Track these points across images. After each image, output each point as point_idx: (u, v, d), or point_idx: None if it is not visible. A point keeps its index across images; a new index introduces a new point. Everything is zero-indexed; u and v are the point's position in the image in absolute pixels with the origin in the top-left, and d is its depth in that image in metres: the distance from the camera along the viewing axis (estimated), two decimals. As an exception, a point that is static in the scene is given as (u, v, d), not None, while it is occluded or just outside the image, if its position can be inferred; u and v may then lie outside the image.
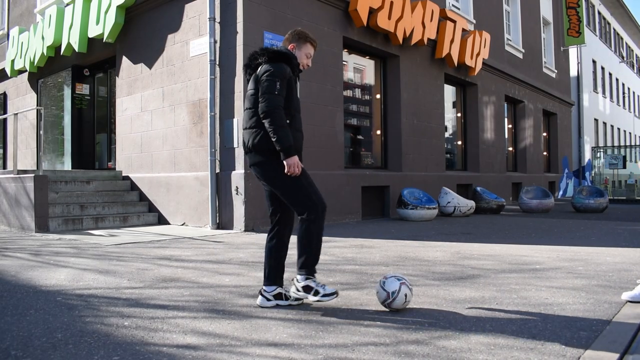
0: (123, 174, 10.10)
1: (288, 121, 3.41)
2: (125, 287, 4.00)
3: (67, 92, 12.06)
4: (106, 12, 9.79)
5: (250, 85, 3.46)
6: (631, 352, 2.58)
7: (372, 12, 10.15)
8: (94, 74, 11.96)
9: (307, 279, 3.35)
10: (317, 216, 3.40)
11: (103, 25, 9.86)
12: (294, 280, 3.41)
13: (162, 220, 9.15)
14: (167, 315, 3.22)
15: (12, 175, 8.43)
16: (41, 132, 9.22)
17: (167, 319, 3.14)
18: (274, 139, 3.29)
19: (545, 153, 20.55)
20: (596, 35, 28.65)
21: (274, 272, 3.48)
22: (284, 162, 3.33)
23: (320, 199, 3.49)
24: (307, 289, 3.33)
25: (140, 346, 2.64)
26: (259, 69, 3.41)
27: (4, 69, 13.67)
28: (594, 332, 2.84)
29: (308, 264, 3.38)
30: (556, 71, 21.18)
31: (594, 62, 28.21)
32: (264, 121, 3.31)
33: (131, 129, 9.98)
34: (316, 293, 3.31)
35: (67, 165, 11.86)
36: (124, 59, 10.14)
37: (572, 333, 2.82)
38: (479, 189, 12.53)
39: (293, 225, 3.63)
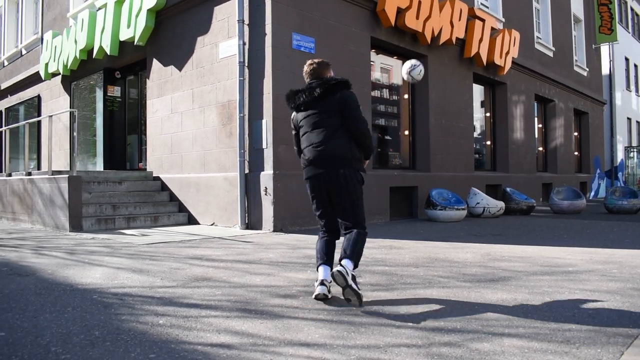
0: (154, 175, 10.25)
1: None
2: (159, 286, 4.07)
3: (99, 94, 12.30)
4: (137, 15, 9.96)
5: (324, 107, 3.94)
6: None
7: (400, 12, 10.11)
8: (125, 76, 12.17)
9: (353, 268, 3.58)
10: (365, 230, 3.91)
11: (134, 28, 10.04)
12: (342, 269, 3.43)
13: (192, 220, 9.26)
14: (201, 314, 3.27)
15: (47, 176, 8.63)
16: (74, 133, 9.42)
17: (200, 317, 3.19)
18: (365, 152, 3.97)
19: (576, 153, 20.19)
20: (629, 32, 28.03)
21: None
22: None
23: None
24: (354, 279, 3.47)
25: (176, 344, 2.69)
26: (339, 94, 3.97)
27: (38, 72, 14.00)
28: (630, 336, 2.79)
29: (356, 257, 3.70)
30: (587, 69, 20.79)
31: (626, 59, 27.59)
32: (362, 138, 3.90)
33: (161, 130, 10.13)
34: (353, 278, 3.46)
35: (99, 166, 12.10)
36: (154, 61, 10.30)
37: (607, 337, 2.78)
38: (508, 189, 12.37)
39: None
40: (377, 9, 9.79)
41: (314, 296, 3.57)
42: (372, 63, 10.40)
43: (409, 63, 4.85)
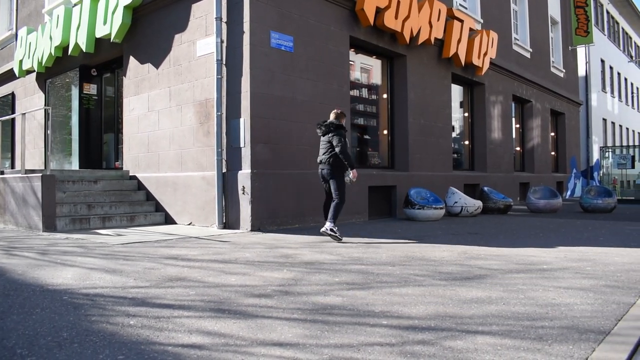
0: (130, 174, 10.13)
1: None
2: (132, 287, 4.01)
3: (74, 92, 12.10)
4: (113, 12, 9.82)
5: (325, 137, 7.13)
6: (638, 353, 2.55)
7: (379, 12, 10.12)
8: (102, 74, 12.00)
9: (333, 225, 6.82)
10: (342, 202, 7.04)
11: (110, 25, 9.90)
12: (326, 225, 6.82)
13: (169, 220, 9.17)
14: (173, 314, 3.22)
15: (20, 175, 8.47)
16: (49, 131, 9.27)
17: (172, 318, 3.14)
18: (345, 161, 6.97)
19: (553, 153, 20.45)
20: (604, 35, 28.47)
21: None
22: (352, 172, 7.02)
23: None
24: (332, 230, 6.78)
25: (146, 345, 2.64)
26: (332, 133, 7.08)
27: (12, 69, 13.75)
28: (601, 333, 2.82)
29: (334, 219, 6.87)
30: (564, 71, 21.07)
31: (602, 61, 28.02)
32: (340, 155, 6.94)
33: (138, 128, 10.01)
34: (332, 230, 6.79)
35: (75, 165, 11.91)
36: (131, 59, 10.17)
37: (579, 334, 2.80)
38: (486, 188, 12.47)
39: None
40: (356, 8, 9.79)
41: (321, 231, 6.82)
42: (351, 62, 10.40)
43: None
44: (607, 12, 29.33)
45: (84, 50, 10.65)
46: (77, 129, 11.99)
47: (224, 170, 8.29)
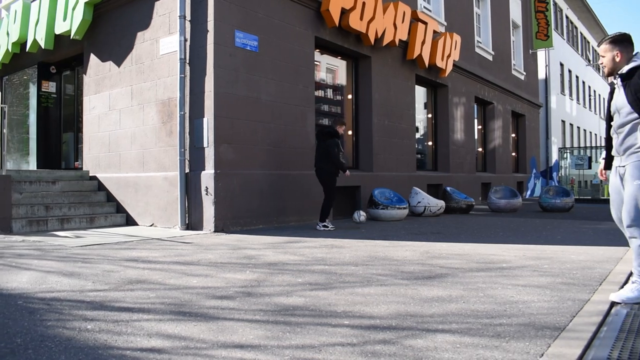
0: (90, 174, 9.91)
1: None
2: (90, 290, 3.92)
3: (32, 89, 11.79)
4: (74, 8, 9.60)
5: (321, 144, 8.43)
6: (592, 348, 2.62)
7: (344, 13, 10.16)
8: (61, 71, 11.72)
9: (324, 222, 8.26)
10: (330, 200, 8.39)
11: (70, 21, 9.67)
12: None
13: (130, 221, 9.01)
14: (132, 318, 3.16)
15: (-26, 175, 8.19)
16: (5, 130, 9.01)
17: (131, 321, 3.08)
18: (335, 165, 8.38)
19: (513, 154, 20.89)
20: (564, 39, 29.22)
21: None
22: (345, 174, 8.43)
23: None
24: (324, 226, 8.22)
25: (103, 350, 2.58)
26: (327, 140, 8.38)
27: (-34, 65, 13.30)
28: (557, 329, 2.88)
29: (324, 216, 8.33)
30: (525, 73, 21.54)
31: (561, 65, 28.75)
32: (331, 160, 8.33)
33: (99, 128, 9.81)
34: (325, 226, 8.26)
35: (33, 165, 11.59)
36: (92, 56, 9.96)
37: (536, 330, 2.86)
38: (449, 189, 12.65)
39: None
40: (321, 8, 9.80)
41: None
42: (316, 63, 10.41)
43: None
44: (567, 17, 30.10)
45: (43, 47, 10.37)
46: (35, 127, 11.68)
47: (187, 170, 8.19)
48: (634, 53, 3.66)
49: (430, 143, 14.97)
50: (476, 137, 17.33)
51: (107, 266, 4.92)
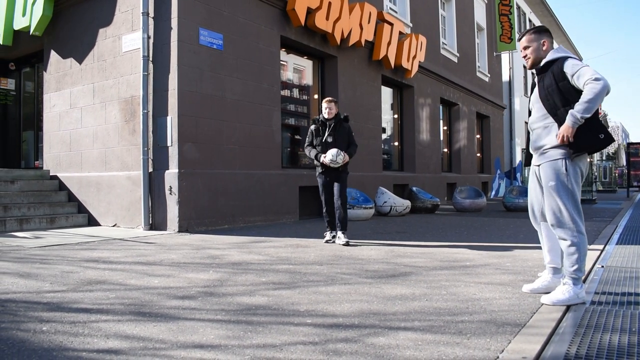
0: (51, 174, 9.67)
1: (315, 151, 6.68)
2: (47, 291, 3.81)
3: (-10, 87, 11.45)
4: (33, 3, 9.34)
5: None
6: (552, 343, 2.67)
7: (310, 12, 10.16)
8: (20, 68, 11.41)
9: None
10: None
11: (30, 17, 9.41)
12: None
13: (92, 222, 8.82)
14: (90, 319, 3.09)
15: None
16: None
17: (89, 322, 3.01)
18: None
19: (478, 154, 21.21)
20: (526, 42, 29.76)
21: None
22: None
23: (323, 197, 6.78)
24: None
25: (58, 352, 2.51)
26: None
27: None
28: (517, 325, 2.93)
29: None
30: (489, 75, 21.91)
31: (524, 67, 29.29)
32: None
33: (60, 126, 9.58)
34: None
35: (-10, 164, 11.26)
36: (53, 53, 9.72)
37: (497, 327, 2.89)
38: (414, 189, 12.77)
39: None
40: (287, 8, 9.77)
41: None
42: (283, 62, 10.37)
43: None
44: (530, 21, 30.70)
45: (1, 43, 10.05)
46: (-8, 126, 11.34)
47: (151, 169, 8.06)
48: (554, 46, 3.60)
49: (396, 143, 15.08)
50: (441, 137, 17.54)
51: (66, 267, 4.80)
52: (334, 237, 6.66)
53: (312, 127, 6.79)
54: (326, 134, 6.61)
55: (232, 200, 8.56)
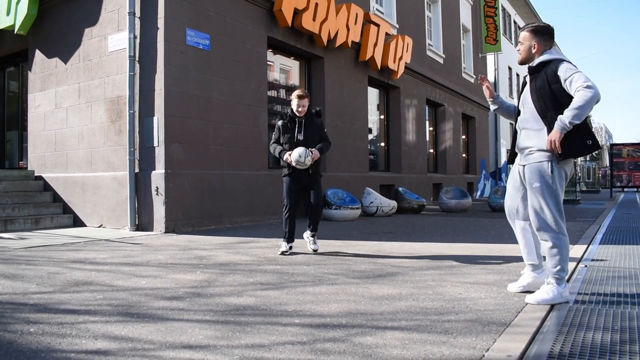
0: (35, 174, 9.59)
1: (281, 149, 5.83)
2: (33, 292, 3.80)
3: (-27, 86, 11.32)
4: (18, 2, 9.26)
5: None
6: (536, 342, 2.71)
7: (297, 13, 10.17)
8: (4, 67, 11.30)
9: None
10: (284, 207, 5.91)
11: (14, 16, 9.32)
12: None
13: (78, 223, 8.76)
14: (77, 320, 3.08)
15: None
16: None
17: (77, 324, 3.00)
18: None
19: (464, 155, 21.37)
20: (512, 44, 30.03)
21: None
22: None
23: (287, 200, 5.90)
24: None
25: (46, 353, 2.50)
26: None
27: None
28: (503, 324, 2.97)
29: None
30: (475, 77, 22.06)
31: (509, 68, 29.59)
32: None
33: (44, 126, 9.50)
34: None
35: (-27, 164, 11.14)
36: (37, 52, 9.64)
37: (482, 326, 2.93)
38: (400, 189, 12.84)
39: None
40: (274, 8, 9.78)
41: None
42: (270, 63, 10.38)
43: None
44: (515, 23, 30.99)
45: (-16, 42, 9.98)
46: (-24, 125, 11.22)
47: (137, 170, 8.03)
48: (549, 47, 3.57)
49: (382, 144, 15.15)
50: (427, 138, 17.64)
51: (53, 268, 4.78)
52: (290, 248, 5.77)
53: (279, 122, 5.92)
54: (296, 132, 5.80)
55: (218, 201, 8.55)
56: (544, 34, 3.56)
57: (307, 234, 6.02)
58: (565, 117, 3.30)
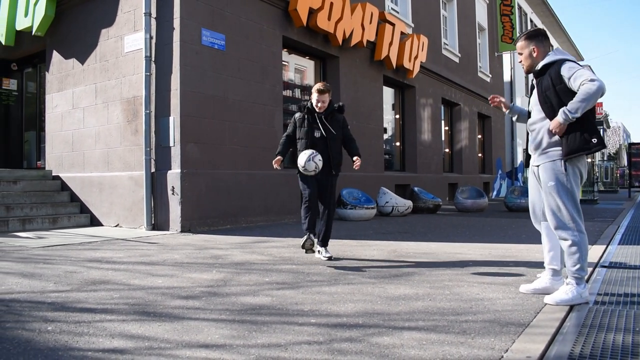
0: (53, 174, 9.68)
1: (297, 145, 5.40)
2: (51, 291, 3.82)
3: (-8, 87, 11.47)
4: (35, 3, 9.36)
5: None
6: (556, 343, 2.67)
7: (312, 13, 10.16)
8: (23, 68, 11.43)
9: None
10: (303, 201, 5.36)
11: (32, 17, 9.43)
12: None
13: (94, 222, 8.83)
14: (95, 318, 3.10)
15: None
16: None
17: (94, 322, 3.01)
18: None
19: (480, 155, 21.21)
20: (528, 42, 29.78)
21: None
22: None
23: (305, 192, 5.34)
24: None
25: (64, 351, 2.51)
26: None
27: None
28: (521, 325, 2.93)
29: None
30: (490, 76, 21.90)
31: (525, 67, 29.24)
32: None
33: (62, 126, 9.59)
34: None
35: (-7, 164, 11.28)
36: (55, 53, 9.73)
37: (500, 327, 2.90)
38: (416, 189, 12.77)
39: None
40: (289, 8, 9.78)
41: None
42: (284, 63, 10.38)
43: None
44: (531, 21, 30.69)
45: (4, 44, 10.08)
46: (-5, 126, 11.37)
47: (153, 170, 8.07)
48: (551, 49, 3.61)
49: (398, 144, 15.08)
50: (443, 138, 17.54)
51: (70, 267, 4.81)
52: (310, 237, 5.25)
53: (297, 115, 5.39)
54: (314, 127, 5.26)
55: (234, 201, 8.57)
56: (538, 37, 3.61)
57: (316, 246, 5.36)
58: (568, 109, 3.32)
